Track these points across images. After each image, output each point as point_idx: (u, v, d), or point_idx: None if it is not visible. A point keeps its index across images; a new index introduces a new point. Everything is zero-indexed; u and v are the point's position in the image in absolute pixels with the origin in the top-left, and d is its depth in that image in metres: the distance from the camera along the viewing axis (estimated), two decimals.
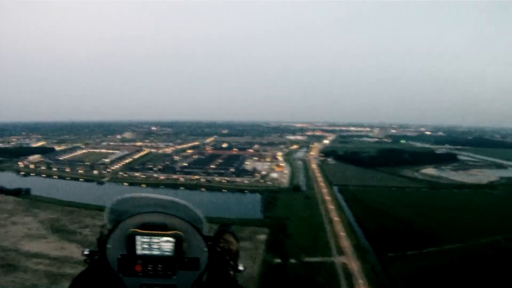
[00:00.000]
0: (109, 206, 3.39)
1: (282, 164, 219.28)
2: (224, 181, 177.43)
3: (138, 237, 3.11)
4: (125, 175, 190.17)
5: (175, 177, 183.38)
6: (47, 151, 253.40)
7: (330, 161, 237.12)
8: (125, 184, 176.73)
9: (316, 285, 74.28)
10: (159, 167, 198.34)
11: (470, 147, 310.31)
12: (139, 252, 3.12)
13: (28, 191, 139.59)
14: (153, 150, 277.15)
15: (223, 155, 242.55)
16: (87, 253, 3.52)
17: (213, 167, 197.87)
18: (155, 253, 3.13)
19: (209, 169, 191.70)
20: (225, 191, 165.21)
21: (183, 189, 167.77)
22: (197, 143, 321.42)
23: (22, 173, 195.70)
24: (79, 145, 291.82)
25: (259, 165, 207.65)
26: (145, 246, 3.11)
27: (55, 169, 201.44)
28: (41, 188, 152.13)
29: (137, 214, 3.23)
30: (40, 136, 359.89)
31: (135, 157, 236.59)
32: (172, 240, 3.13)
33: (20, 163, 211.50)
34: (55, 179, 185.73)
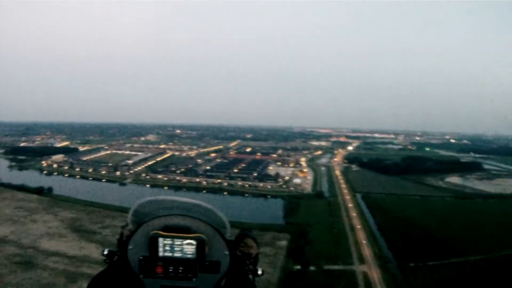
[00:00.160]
0: (133, 207, 3.38)
1: (305, 169, 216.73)
2: (246, 185, 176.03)
3: (160, 239, 3.10)
4: (148, 177, 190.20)
5: (197, 180, 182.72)
6: (71, 151, 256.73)
7: (354, 167, 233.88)
8: (147, 185, 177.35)
9: None
10: (182, 169, 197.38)
11: (495, 156, 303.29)
12: (161, 254, 3.11)
13: (50, 190, 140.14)
14: (177, 152, 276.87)
15: (246, 159, 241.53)
16: (106, 253, 3.60)
17: (236, 171, 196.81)
18: (176, 255, 3.11)
19: (232, 173, 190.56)
20: (247, 195, 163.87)
21: (205, 192, 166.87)
22: (220, 147, 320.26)
23: (45, 172, 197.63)
24: (103, 146, 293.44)
25: (282, 170, 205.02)
26: (167, 248, 3.10)
27: (78, 169, 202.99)
28: (63, 187, 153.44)
29: (160, 216, 3.23)
30: (64, 136, 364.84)
31: (158, 159, 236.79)
32: (194, 243, 3.11)
33: (43, 162, 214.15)
34: (78, 179, 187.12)
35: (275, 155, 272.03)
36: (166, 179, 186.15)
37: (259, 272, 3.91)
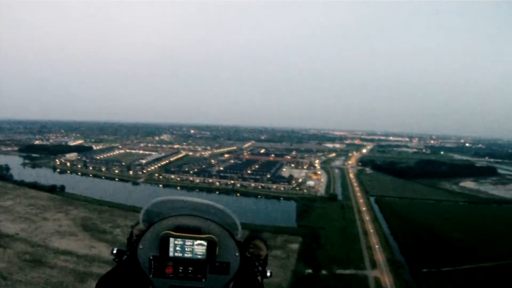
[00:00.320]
0: (145, 207, 3.40)
1: (319, 172, 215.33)
2: (259, 187, 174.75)
3: (171, 239, 3.14)
4: (161, 177, 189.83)
5: (210, 181, 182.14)
6: (85, 149, 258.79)
7: (367, 170, 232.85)
8: (160, 185, 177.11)
9: None
10: (195, 170, 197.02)
11: (510, 161, 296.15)
12: (171, 254, 3.15)
13: (62, 188, 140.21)
14: (190, 153, 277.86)
15: (260, 160, 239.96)
16: (115, 252, 3.59)
17: (249, 172, 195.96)
18: (187, 255, 3.16)
19: (245, 174, 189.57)
20: (260, 197, 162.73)
21: (218, 193, 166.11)
22: (234, 148, 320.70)
23: (58, 170, 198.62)
24: (117, 145, 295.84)
25: (295, 172, 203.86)
26: (178, 248, 3.15)
27: (91, 168, 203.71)
28: (76, 185, 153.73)
29: (172, 216, 3.26)
30: (78, 135, 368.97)
31: (171, 159, 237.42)
32: (205, 243, 3.15)
33: (56, 161, 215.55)
34: (90, 177, 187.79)
35: (289, 157, 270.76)
36: (179, 179, 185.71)
37: (268, 273, 3.80)
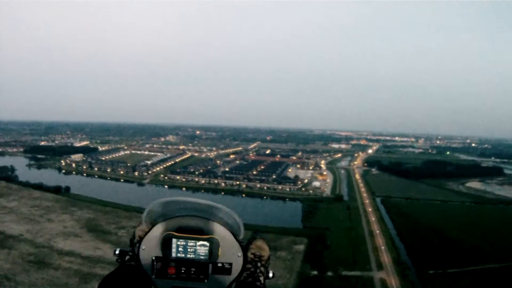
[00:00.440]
0: (148, 208, 3.40)
1: (325, 172, 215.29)
2: (265, 188, 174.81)
3: (174, 240, 3.16)
4: (166, 178, 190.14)
5: (216, 181, 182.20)
6: (90, 150, 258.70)
7: (373, 171, 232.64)
8: (165, 186, 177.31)
9: None
10: (201, 171, 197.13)
11: None
12: (174, 255, 3.16)
13: (67, 189, 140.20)
14: (196, 154, 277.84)
15: (265, 161, 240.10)
16: (118, 252, 3.65)
17: (255, 173, 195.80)
18: (189, 256, 3.17)
19: (250, 175, 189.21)
20: (265, 198, 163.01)
21: (223, 194, 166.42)
22: (240, 149, 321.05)
23: (63, 171, 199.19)
24: (123, 146, 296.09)
25: (301, 173, 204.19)
26: (180, 249, 3.16)
27: (96, 169, 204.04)
28: (81, 186, 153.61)
29: (174, 217, 3.30)
30: (84, 135, 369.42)
31: (177, 160, 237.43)
32: (207, 244, 3.17)
33: (62, 162, 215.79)
34: (96, 178, 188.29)
35: (294, 158, 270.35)
36: (184, 180, 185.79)
37: (270, 274, 3.81)
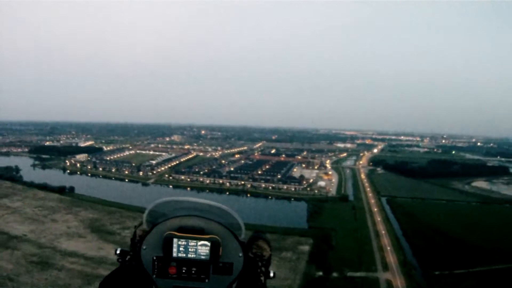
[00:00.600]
0: (149, 208, 3.37)
1: (330, 172, 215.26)
2: (270, 187, 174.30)
3: (175, 240, 3.12)
4: (171, 178, 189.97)
5: (220, 181, 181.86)
6: (95, 150, 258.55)
7: (379, 170, 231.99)
8: (170, 186, 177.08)
9: None
10: (205, 171, 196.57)
11: None
12: (174, 254, 3.13)
13: (72, 189, 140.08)
14: (201, 153, 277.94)
15: (270, 161, 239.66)
16: (119, 252, 3.61)
17: (260, 172, 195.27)
18: (190, 256, 3.14)
19: (255, 175, 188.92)
20: (270, 198, 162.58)
21: (228, 194, 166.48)
22: (245, 148, 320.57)
23: (68, 171, 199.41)
24: (127, 146, 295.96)
25: (306, 173, 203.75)
26: (181, 249, 3.13)
27: (101, 169, 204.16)
28: (85, 186, 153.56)
29: (175, 217, 3.25)
30: (89, 136, 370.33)
31: (182, 160, 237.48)
32: (208, 244, 3.13)
33: (66, 162, 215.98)
34: (100, 178, 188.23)
35: (299, 157, 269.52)
36: (189, 180, 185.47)
37: (271, 274, 3.82)
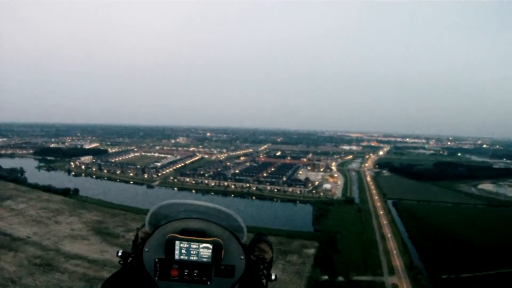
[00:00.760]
0: (151, 210, 3.35)
1: (335, 174, 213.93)
2: (275, 190, 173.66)
3: (177, 242, 3.13)
4: (175, 180, 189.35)
5: (225, 184, 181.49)
6: (100, 152, 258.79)
7: (385, 173, 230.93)
8: (175, 188, 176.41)
9: None
10: (211, 173, 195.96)
11: None
12: (177, 257, 3.13)
13: (76, 191, 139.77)
14: (206, 155, 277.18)
15: (276, 163, 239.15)
16: (120, 254, 3.61)
17: (265, 175, 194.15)
18: (192, 258, 3.14)
19: (261, 177, 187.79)
20: (276, 200, 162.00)
21: (233, 196, 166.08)
22: (250, 150, 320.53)
23: (72, 173, 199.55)
24: (133, 148, 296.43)
25: (312, 175, 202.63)
26: (183, 251, 3.13)
27: (106, 171, 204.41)
28: (90, 188, 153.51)
29: (177, 219, 3.26)
30: (94, 138, 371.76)
31: (187, 162, 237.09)
32: (210, 246, 3.14)
33: (71, 163, 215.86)
34: (105, 180, 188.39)
35: (305, 159, 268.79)
36: (194, 182, 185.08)
37: (273, 277, 3.83)
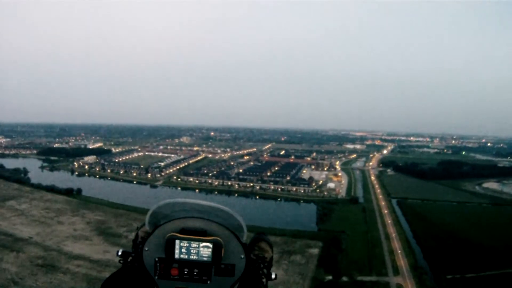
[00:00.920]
0: (151, 209, 3.42)
1: (339, 173, 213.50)
2: (279, 189, 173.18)
3: (177, 241, 3.16)
4: (179, 180, 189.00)
5: (229, 183, 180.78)
6: (104, 152, 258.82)
7: (389, 172, 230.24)
8: (178, 188, 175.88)
9: None
10: (214, 172, 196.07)
11: None
12: (177, 256, 3.17)
13: (79, 191, 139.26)
14: (210, 155, 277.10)
15: (279, 162, 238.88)
16: (120, 253, 3.67)
17: (268, 174, 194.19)
18: (192, 257, 3.18)
19: (264, 177, 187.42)
20: (279, 200, 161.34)
21: (236, 195, 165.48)
22: (254, 150, 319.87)
23: (76, 173, 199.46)
24: (136, 148, 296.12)
25: (316, 174, 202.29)
26: (183, 250, 3.17)
27: (109, 171, 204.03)
28: (93, 188, 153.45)
29: (177, 218, 3.29)
30: (98, 137, 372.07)
31: (190, 162, 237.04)
32: (210, 245, 3.17)
33: (75, 163, 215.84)
34: (108, 180, 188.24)
35: (309, 159, 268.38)
36: (197, 182, 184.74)
37: (273, 276, 3.89)
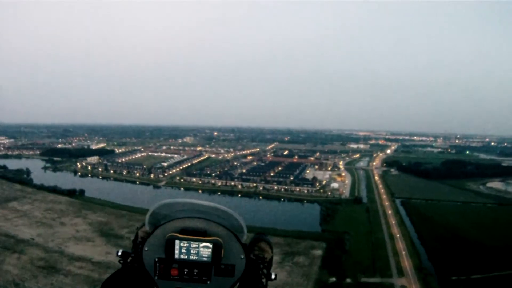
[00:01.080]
0: (151, 209, 3.40)
1: (343, 173, 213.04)
2: (282, 189, 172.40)
3: (177, 242, 3.15)
4: (182, 180, 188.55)
5: (232, 183, 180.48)
6: (107, 153, 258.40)
7: (393, 171, 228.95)
8: (181, 188, 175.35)
9: None
10: (217, 173, 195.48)
11: None
12: (177, 256, 3.16)
13: (82, 192, 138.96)
14: (213, 155, 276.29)
15: (283, 162, 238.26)
16: (120, 254, 3.66)
17: (272, 174, 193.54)
18: (192, 258, 3.17)
19: (268, 177, 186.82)
20: (283, 200, 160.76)
21: (240, 196, 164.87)
22: (257, 150, 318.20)
23: (79, 174, 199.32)
24: (139, 148, 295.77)
25: (319, 174, 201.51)
26: (183, 250, 3.16)
27: (112, 171, 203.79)
28: (96, 189, 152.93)
29: (177, 218, 3.28)
30: (101, 138, 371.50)
31: (194, 162, 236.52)
32: (210, 246, 3.16)
33: (78, 164, 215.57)
34: (111, 181, 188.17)
35: (312, 158, 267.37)
36: (200, 182, 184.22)
37: (273, 276, 3.89)
